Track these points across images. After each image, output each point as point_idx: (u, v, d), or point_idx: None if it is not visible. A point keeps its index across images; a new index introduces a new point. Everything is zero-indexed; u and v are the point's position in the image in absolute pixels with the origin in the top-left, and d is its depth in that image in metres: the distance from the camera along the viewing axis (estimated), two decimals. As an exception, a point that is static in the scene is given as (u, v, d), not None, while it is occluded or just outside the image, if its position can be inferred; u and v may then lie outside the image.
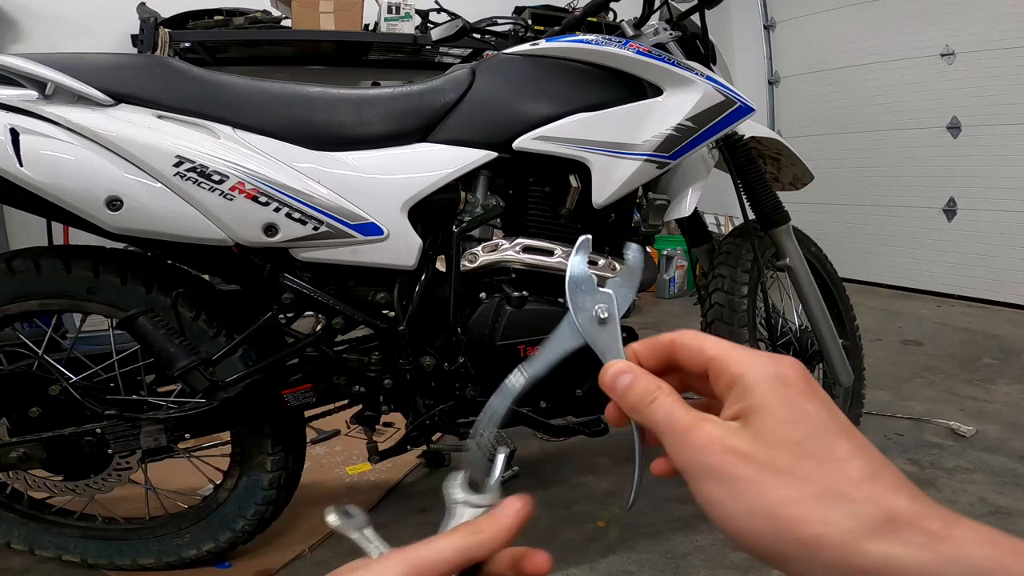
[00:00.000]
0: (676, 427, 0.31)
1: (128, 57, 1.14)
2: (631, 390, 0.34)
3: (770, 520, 0.27)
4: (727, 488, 0.28)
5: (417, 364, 1.18)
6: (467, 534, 0.33)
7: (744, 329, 1.38)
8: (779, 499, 0.27)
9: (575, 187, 1.20)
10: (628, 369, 0.35)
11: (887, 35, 3.76)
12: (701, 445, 0.29)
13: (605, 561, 1.30)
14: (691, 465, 0.30)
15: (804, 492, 0.27)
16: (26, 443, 1.11)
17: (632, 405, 0.33)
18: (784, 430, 0.29)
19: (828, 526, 0.26)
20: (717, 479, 0.29)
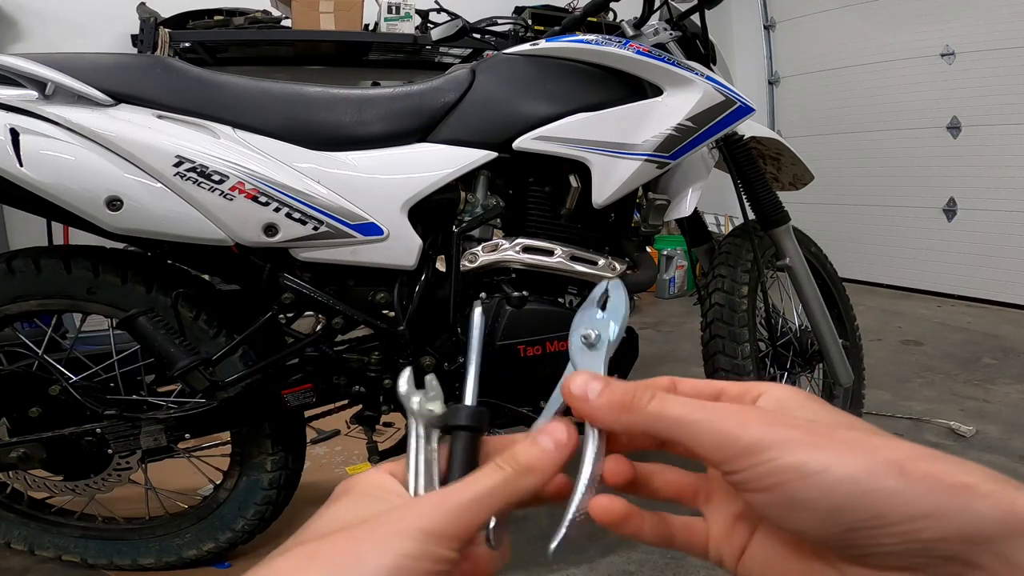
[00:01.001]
0: (716, 414, 0.28)
1: (128, 57, 1.14)
2: (611, 392, 0.31)
3: (901, 473, 0.24)
4: (830, 452, 0.25)
5: (417, 364, 1.18)
6: (512, 473, 0.30)
7: (744, 329, 1.38)
8: (907, 455, 0.25)
9: (575, 187, 1.20)
10: (596, 377, 0.32)
11: (887, 35, 3.76)
12: (771, 421, 0.27)
13: (605, 561, 1.30)
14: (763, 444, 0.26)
15: (918, 451, 0.25)
16: (26, 443, 1.11)
17: (621, 404, 0.30)
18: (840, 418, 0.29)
19: (971, 475, 0.24)
20: (812, 446, 0.26)
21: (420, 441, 0.33)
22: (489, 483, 0.29)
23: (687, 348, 2.73)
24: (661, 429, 0.30)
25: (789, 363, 1.54)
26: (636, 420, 0.30)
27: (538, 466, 0.30)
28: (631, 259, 1.29)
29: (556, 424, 0.32)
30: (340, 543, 0.27)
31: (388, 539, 0.27)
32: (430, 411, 0.34)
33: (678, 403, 0.30)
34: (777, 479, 0.26)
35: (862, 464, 0.25)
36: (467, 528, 0.28)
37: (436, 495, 0.29)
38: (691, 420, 0.29)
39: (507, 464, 0.30)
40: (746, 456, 0.27)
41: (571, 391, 0.32)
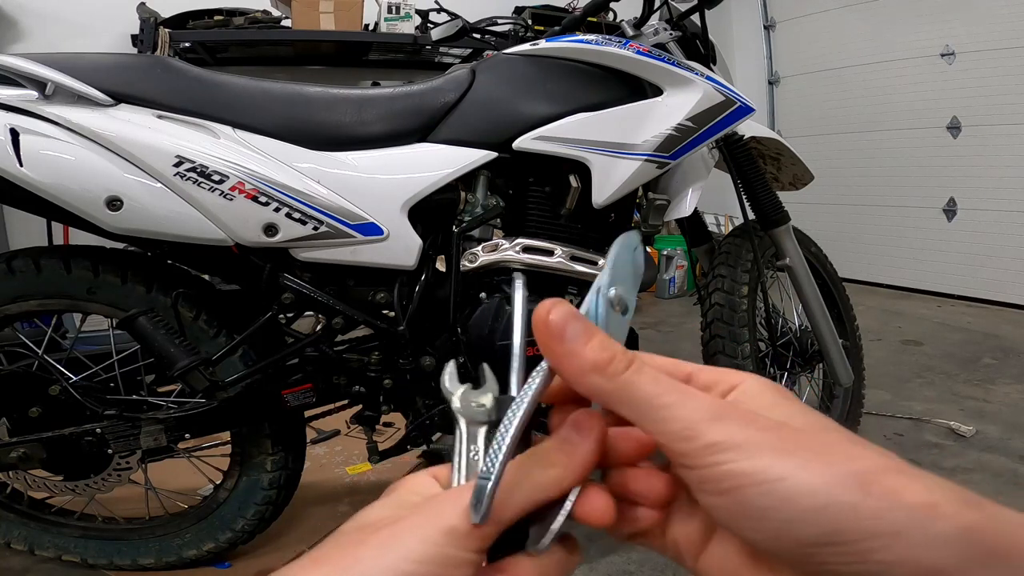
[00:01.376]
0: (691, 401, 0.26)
1: (128, 57, 1.14)
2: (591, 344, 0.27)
3: (864, 489, 0.23)
4: (793, 460, 0.24)
5: (417, 364, 1.18)
6: (533, 467, 0.28)
7: (744, 329, 1.38)
8: (870, 468, 0.24)
9: (575, 187, 1.20)
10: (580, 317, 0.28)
11: (887, 35, 3.76)
12: (740, 420, 0.26)
13: (605, 561, 1.30)
14: (729, 443, 0.25)
15: (887, 463, 0.24)
16: (26, 443, 1.11)
17: (595, 364, 0.27)
18: (813, 419, 0.27)
19: (935, 494, 0.23)
20: (776, 452, 0.24)
21: (463, 440, 0.31)
22: (511, 477, 0.27)
23: (687, 348, 2.73)
24: (626, 404, 0.27)
25: (789, 363, 1.54)
26: (606, 386, 0.27)
27: (557, 458, 0.28)
28: (631, 259, 1.29)
29: (582, 414, 0.30)
30: (344, 544, 0.26)
31: (391, 540, 0.25)
32: (476, 406, 0.31)
33: (652, 379, 0.27)
34: (734, 483, 0.24)
35: (823, 475, 0.23)
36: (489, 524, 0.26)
37: (453, 491, 0.27)
38: (660, 402, 0.26)
39: (528, 458, 0.28)
40: (707, 453, 0.25)
41: (547, 320, 0.27)
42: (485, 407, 0.31)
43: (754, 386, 0.29)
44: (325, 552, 0.26)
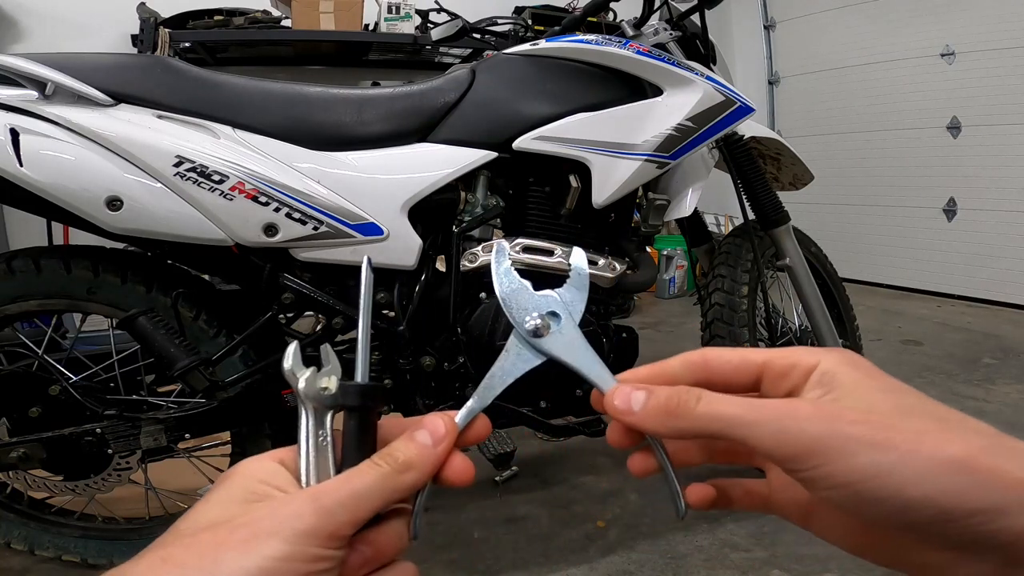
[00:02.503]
0: (771, 412, 0.27)
1: (128, 57, 1.14)
2: (656, 399, 0.30)
3: (966, 471, 0.24)
4: (894, 453, 0.25)
5: (417, 364, 1.18)
6: (389, 472, 0.29)
7: (744, 329, 1.39)
8: (965, 450, 0.25)
9: (575, 187, 1.20)
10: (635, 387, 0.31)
11: (887, 35, 3.76)
12: (829, 419, 0.26)
13: (605, 561, 1.30)
14: (826, 443, 0.26)
15: (981, 443, 0.25)
16: (26, 443, 1.11)
17: (667, 411, 0.29)
18: (899, 399, 0.27)
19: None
20: (875, 447, 0.25)
21: (309, 425, 0.30)
22: (367, 481, 0.28)
23: (687, 348, 2.69)
24: (711, 433, 0.29)
25: (789, 363, 1.54)
26: (686, 425, 0.29)
27: (416, 463, 0.30)
28: (631, 259, 1.29)
29: (433, 417, 0.31)
30: (199, 545, 0.26)
31: (253, 540, 0.25)
32: (322, 390, 0.31)
33: (729, 403, 0.28)
34: (843, 479, 0.26)
35: (927, 466, 0.25)
36: (345, 526, 0.27)
37: (308, 493, 0.28)
38: (747, 420, 0.28)
39: (384, 461, 0.29)
40: (809, 457, 0.26)
41: (615, 405, 0.31)
42: (330, 390, 0.31)
43: (831, 366, 0.29)
44: (174, 552, 0.26)
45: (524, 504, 1.49)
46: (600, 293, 1.26)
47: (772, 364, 0.30)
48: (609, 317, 1.30)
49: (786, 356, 0.30)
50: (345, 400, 0.31)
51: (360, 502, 0.28)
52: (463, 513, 1.46)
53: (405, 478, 0.29)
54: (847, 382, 0.28)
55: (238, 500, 0.28)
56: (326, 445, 0.30)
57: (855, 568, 1.21)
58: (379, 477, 0.29)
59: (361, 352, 0.33)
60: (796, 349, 0.30)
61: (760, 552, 1.30)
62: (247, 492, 0.28)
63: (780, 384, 0.30)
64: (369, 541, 0.29)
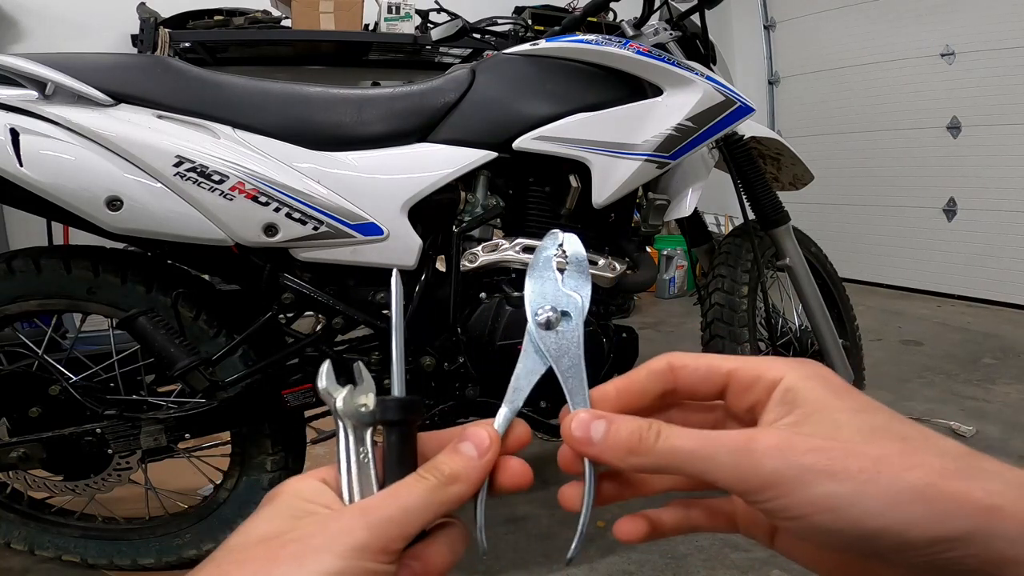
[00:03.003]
0: (727, 446, 0.27)
1: (128, 57, 1.14)
2: (616, 434, 0.29)
3: (924, 500, 0.24)
4: (850, 483, 0.24)
5: (417, 364, 1.18)
6: (436, 484, 0.29)
7: (744, 329, 1.38)
8: (925, 477, 0.24)
9: (575, 187, 1.20)
10: (593, 415, 0.30)
11: (887, 35, 3.76)
12: (786, 449, 0.26)
13: (605, 561, 1.30)
14: (783, 476, 0.25)
15: (944, 467, 0.24)
16: (26, 443, 1.11)
17: (628, 448, 0.29)
18: (860, 419, 0.27)
19: (995, 496, 0.24)
20: (832, 477, 0.25)
21: (350, 443, 0.31)
22: (415, 495, 0.28)
23: (687, 348, 2.70)
24: (673, 466, 0.28)
25: (789, 363, 1.54)
26: (646, 461, 0.29)
27: (463, 475, 0.30)
28: (631, 259, 1.29)
29: (477, 429, 0.31)
30: (251, 560, 0.26)
31: (305, 556, 0.25)
32: (359, 406, 0.31)
33: (685, 437, 0.28)
34: (801, 511, 0.25)
35: (885, 495, 0.24)
36: (396, 540, 0.27)
37: (357, 508, 0.28)
38: (702, 455, 0.27)
39: (431, 474, 0.29)
40: (765, 490, 0.26)
41: (572, 433, 0.30)
42: (368, 407, 0.31)
43: (795, 382, 0.28)
44: (227, 568, 0.26)
45: (524, 504, 1.49)
46: (600, 293, 1.26)
47: (737, 375, 0.30)
48: (609, 317, 1.30)
49: (751, 368, 0.30)
50: (385, 415, 0.31)
51: (409, 516, 0.28)
52: (463, 513, 1.46)
53: (452, 490, 0.29)
54: (811, 399, 0.28)
55: (286, 516, 0.28)
56: (367, 462, 0.31)
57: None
58: (426, 491, 0.29)
59: (396, 365, 0.32)
60: (762, 360, 0.30)
61: (760, 552, 1.30)
62: (294, 510, 0.29)
63: (744, 396, 0.30)
64: (418, 556, 0.29)
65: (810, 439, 0.26)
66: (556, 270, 0.35)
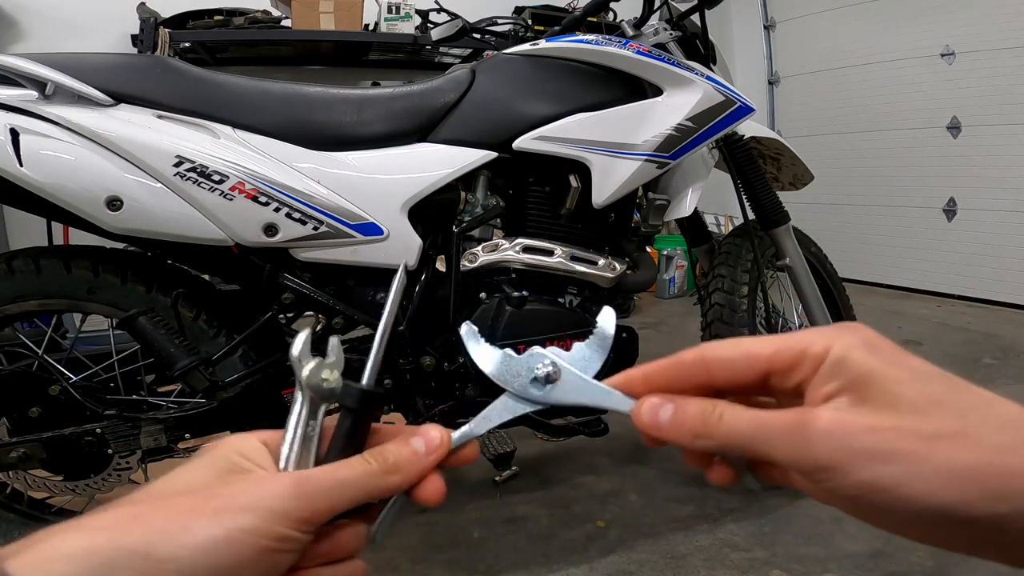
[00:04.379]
0: (784, 427, 0.27)
1: (128, 57, 1.14)
2: (683, 417, 0.30)
3: (978, 479, 0.24)
4: (904, 465, 0.24)
5: (417, 364, 1.18)
6: (377, 470, 0.29)
7: (744, 329, 1.38)
8: (981, 456, 0.24)
9: (575, 187, 1.20)
10: (662, 400, 0.30)
11: (887, 35, 3.76)
12: (838, 433, 0.26)
13: (605, 561, 1.30)
14: (834, 459, 0.26)
15: (1001, 442, 0.24)
16: (26, 443, 1.11)
17: (693, 431, 0.29)
18: (916, 390, 0.26)
19: None
20: (885, 460, 0.25)
21: (303, 413, 0.31)
22: (352, 474, 0.29)
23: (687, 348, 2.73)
24: (734, 447, 0.29)
25: (789, 363, 1.54)
26: (711, 443, 0.29)
27: (404, 467, 0.30)
28: (631, 259, 1.29)
29: (430, 428, 0.32)
30: (171, 508, 0.26)
31: (226, 512, 0.26)
32: (323, 381, 0.31)
33: (745, 419, 0.28)
34: (855, 492, 0.26)
35: (935, 477, 0.24)
36: (320, 513, 0.28)
37: (292, 475, 0.29)
38: (762, 436, 0.28)
39: (375, 459, 0.30)
40: (820, 471, 0.26)
41: (642, 417, 0.30)
42: (330, 383, 0.31)
43: (844, 351, 0.27)
44: (144, 510, 0.26)
45: (524, 504, 1.49)
46: (600, 293, 1.26)
47: (779, 357, 0.29)
48: (609, 317, 1.29)
49: (793, 345, 0.29)
50: (345, 399, 0.31)
51: (342, 493, 0.28)
52: (463, 513, 1.46)
53: (390, 479, 0.30)
54: (863, 371, 0.27)
55: (217, 470, 0.29)
56: (313, 435, 0.31)
57: (854, 568, 1.21)
58: (366, 473, 0.29)
59: (373, 355, 0.33)
60: (804, 333, 0.29)
61: (760, 552, 1.30)
62: (228, 463, 0.29)
63: (790, 377, 0.29)
64: (330, 534, 0.29)
65: (863, 418, 0.26)
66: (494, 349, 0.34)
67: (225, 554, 0.25)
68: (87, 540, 0.25)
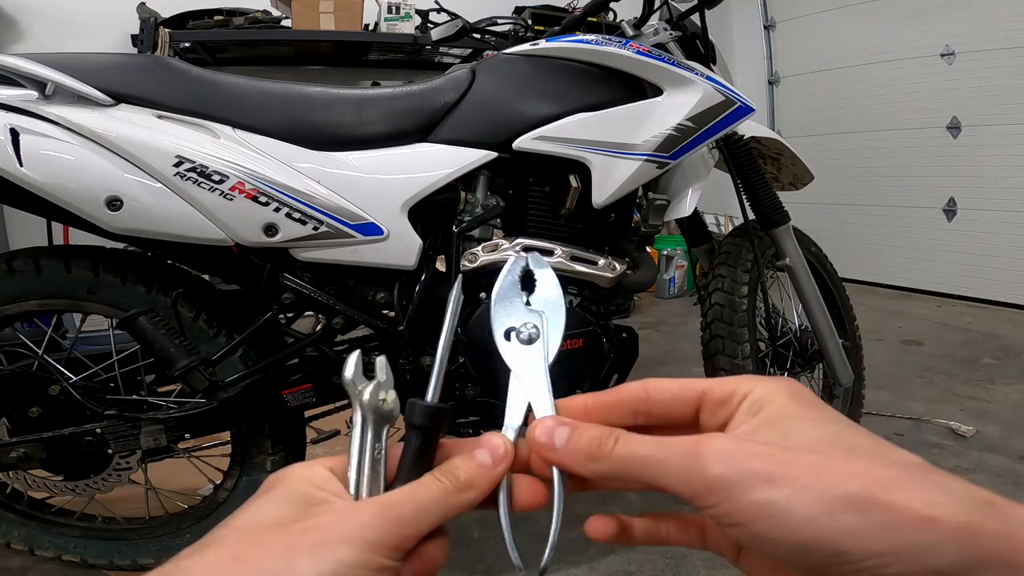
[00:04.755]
0: (678, 451, 0.27)
1: (128, 57, 1.14)
2: (578, 440, 0.30)
3: (859, 509, 0.23)
4: (789, 489, 0.24)
5: (417, 364, 1.18)
6: (451, 488, 0.30)
7: (744, 329, 1.38)
8: (864, 486, 0.24)
9: (575, 187, 1.20)
10: (559, 422, 0.31)
11: (887, 35, 3.76)
12: (731, 455, 0.26)
13: (605, 561, 1.30)
14: (726, 479, 0.26)
15: (887, 475, 0.24)
16: (26, 443, 1.11)
17: (588, 454, 0.29)
18: (819, 430, 0.27)
19: (936, 507, 0.23)
20: (771, 483, 0.25)
21: (367, 437, 0.31)
22: (431, 496, 0.29)
23: (687, 348, 2.73)
24: (629, 472, 0.29)
25: (789, 363, 1.54)
26: (604, 467, 0.29)
27: (476, 481, 0.30)
28: (631, 259, 1.29)
29: (493, 438, 0.32)
30: (270, 546, 0.26)
31: (325, 546, 0.26)
32: (381, 402, 0.31)
33: (640, 443, 0.29)
34: (741, 517, 0.25)
35: (820, 503, 0.24)
36: (409, 539, 0.28)
37: (376, 503, 0.29)
38: (655, 460, 0.28)
39: (446, 478, 0.30)
40: (712, 494, 0.26)
41: (536, 438, 0.31)
42: (387, 403, 0.31)
43: (765, 394, 0.29)
44: (243, 551, 0.26)
45: (524, 504, 1.49)
46: (600, 293, 1.26)
47: (710, 392, 0.30)
48: (609, 317, 1.30)
49: (725, 384, 0.30)
50: (413, 418, 0.31)
51: (423, 516, 0.29)
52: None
53: (465, 496, 0.30)
54: (773, 410, 0.28)
55: (297, 503, 0.28)
56: (380, 458, 0.31)
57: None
58: (442, 493, 0.29)
59: (437, 371, 0.33)
60: (738, 378, 0.30)
61: (760, 552, 1.30)
62: (304, 496, 0.29)
63: (718, 412, 0.30)
64: (420, 554, 0.30)
65: (757, 445, 0.27)
66: (522, 291, 0.35)
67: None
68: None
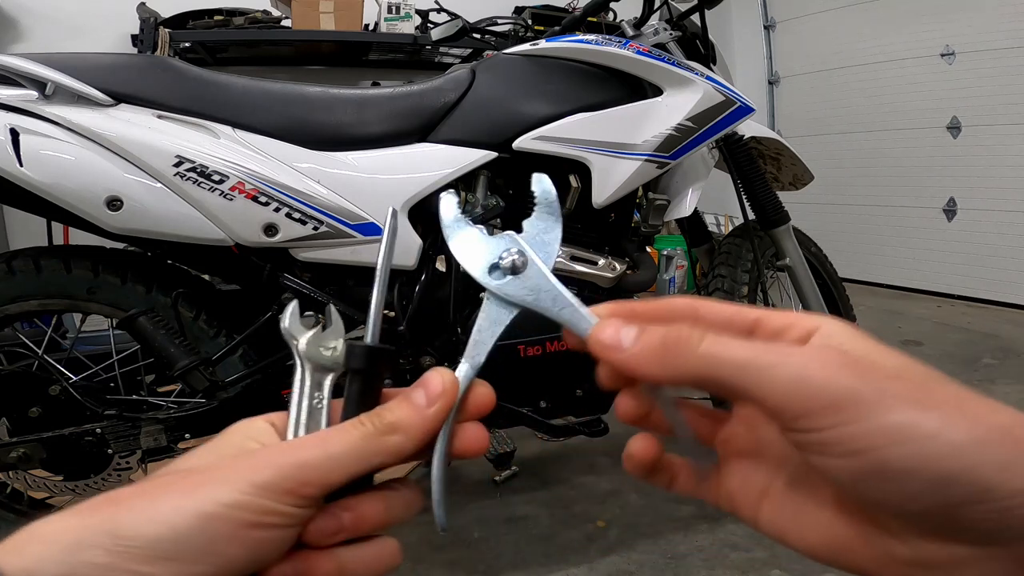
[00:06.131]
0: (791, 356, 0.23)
1: (128, 57, 1.14)
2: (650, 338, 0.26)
3: (1015, 446, 0.21)
4: (937, 413, 0.21)
5: (417, 364, 1.18)
6: (372, 432, 0.26)
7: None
8: (1014, 422, 0.21)
9: (575, 187, 1.20)
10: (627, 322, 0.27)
11: (887, 35, 3.76)
12: (865, 370, 0.22)
13: (605, 561, 1.30)
14: (857, 398, 0.22)
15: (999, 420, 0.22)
16: (26, 443, 1.11)
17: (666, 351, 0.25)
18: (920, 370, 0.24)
19: None
20: (916, 404, 0.22)
21: (305, 386, 0.29)
22: (346, 441, 0.26)
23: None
24: (716, 377, 0.24)
25: (789, 363, 1.54)
26: (686, 366, 0.25)
27: (405, 424, 0.27)
28: (631, 259, 1.29)
29: (433, 374, 0.28)
30: (148, 486, 0.25)
31: (202, 486, 0.25)
32: (323, 351, 0.29)
33: (738, 345, 0.24)
34: (869, 442, 0.21)
35: (971, 431, 0.21)
36: (311, 485, 0.25)
37: (277, 447, 0.27)
38: (759, 365, 0.23)
39: (370, 422, 0.27)
40: (833, 412, 0.22)
41: (600, 340, 0.27)
42: (334, 352, 0.30)
43: (835, 331, 0.25)
44: (123, 492, 0.25)
45: (524, 504, 1.49)
46: (600, 293, 1.26)
47: (765, 323, 0.27)
48: (609, 317, 1.30)
49: (782, 316, 0.27)
50: (350, 362, 0.29)
51: (334, 463, 0.26)
52: (463, 513, 1.46)
53: (390, 441, 0.26)
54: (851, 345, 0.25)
55: (220, 453, 0.28)
56: (320, 408, 0.29)
57: (855, 568, 1.21)
58: (360, 438, 0.26)
59: (373, 312, 0.30)
60: (793, 312, 0.27)
61: (760, 552, 1.30)
62: (234, 447, 0.28)
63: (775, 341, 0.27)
64: (349, 507, 0.27)
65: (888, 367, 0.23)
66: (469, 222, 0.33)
67: (197, 529, 0.24)
68: (62, 521, 0.24)
